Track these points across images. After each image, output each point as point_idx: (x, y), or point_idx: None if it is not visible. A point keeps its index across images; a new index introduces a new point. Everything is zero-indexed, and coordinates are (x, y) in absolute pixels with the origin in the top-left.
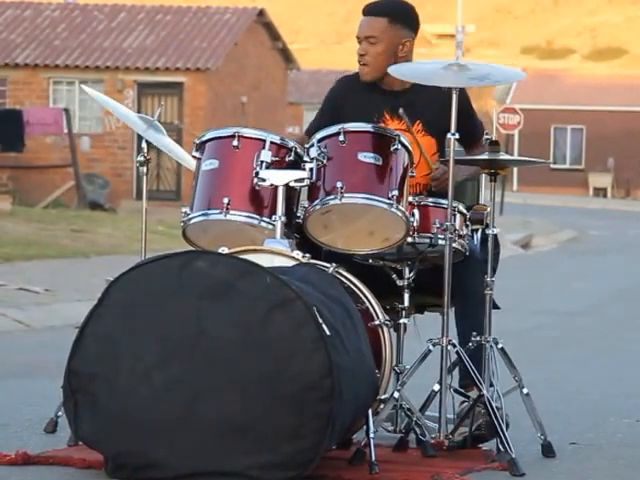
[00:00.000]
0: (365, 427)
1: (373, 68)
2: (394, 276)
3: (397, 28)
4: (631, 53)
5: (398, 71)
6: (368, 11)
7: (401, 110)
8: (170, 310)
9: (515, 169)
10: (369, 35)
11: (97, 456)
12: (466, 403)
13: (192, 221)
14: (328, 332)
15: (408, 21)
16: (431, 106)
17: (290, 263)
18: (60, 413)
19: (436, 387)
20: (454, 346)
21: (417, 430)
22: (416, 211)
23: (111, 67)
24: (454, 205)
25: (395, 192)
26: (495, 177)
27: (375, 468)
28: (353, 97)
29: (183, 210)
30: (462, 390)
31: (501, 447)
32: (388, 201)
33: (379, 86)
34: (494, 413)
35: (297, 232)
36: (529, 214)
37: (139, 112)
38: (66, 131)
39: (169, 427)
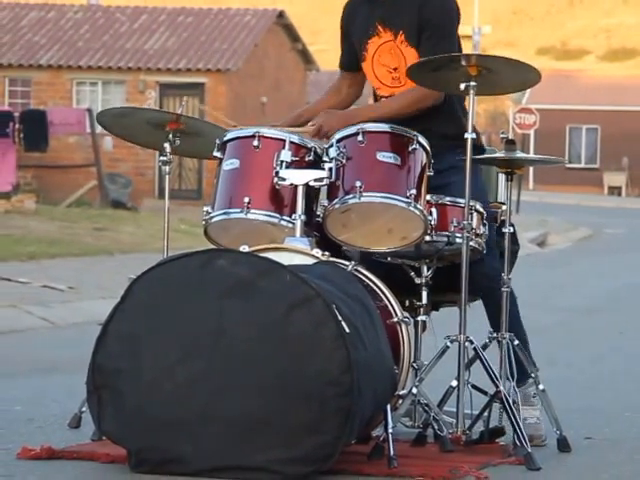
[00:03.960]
0: (384, 422)
1: None
2: (412, 274)
3: None
4: None
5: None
6: None
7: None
8: (192, 308)
9: (531, 168)
10: None
11: (120, 451)
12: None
13: (213, 220)
14: (347, 329)
15: None
16: (410, 15)
17: (310, 261)
18: (84, 408)
19: (454, 383)
20: (471, 342)
21: (435, 425)
22: (434, 210)
23: (133, 68)
24: (471, 204)
25: (413, 191)
26: (512, 176)
27: (394, 462)
28: (354, 14)
29: (205, 209)
30: (479, 387)
31: (517, 442)
32: (406, 200)
33: None
34: (511, 409)
35: (317, 230)
36: (545, 212)
37: None
38: (89, 131)
39: (191, 423)
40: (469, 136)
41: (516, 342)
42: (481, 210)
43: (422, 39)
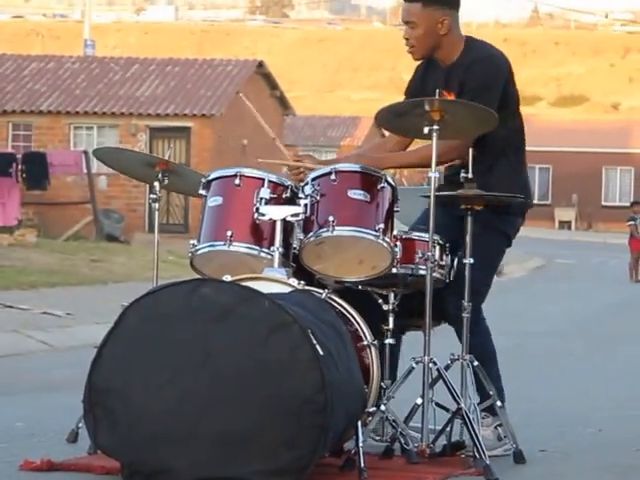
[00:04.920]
0: (355, 437)
1: (418, 49)
2: (380, 301)
3: (432, 9)
4: (592, 100)
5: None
6: None
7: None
8: (179, 332)
9: None
10: (407, 20)
11: (114, 463)
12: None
13: (199, 252)
14: (322, 352)
15: (441, 1)
16: (458, 83)
17: (287, 289)
18: (81, 425)
19: (419, 401)
20: (435, 364)
21: (402, 440)
22: (399, 243)
23: (125, 113)
24: (434, 238)
25: (381, 225)
26: (471, 212)
27: (364, 474)
28: (421, 75)
29: (191, 242)
30: (443, 404)
31: (477, 454)
32: (375, 233)
33: (435, 61)
34: (471, 424)
35: (293, 261)
36: None
37: (151, 154)
38: (85, 171)
39: (179, 438)
40: (433, 175)
41: (475, 363)
42: (442, 243)
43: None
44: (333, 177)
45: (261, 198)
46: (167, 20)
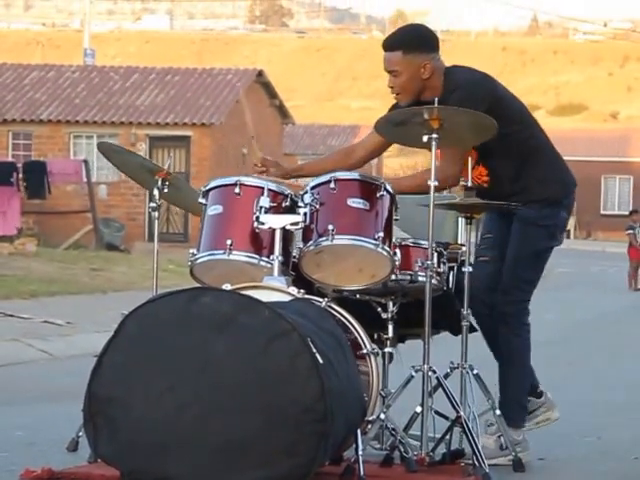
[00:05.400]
0: (354, 445)
1: (404, 95)
2: (379, 309)
3: (413, 56)
4: (591, 109)
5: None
6: (385, 47)
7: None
8: (179, 340)
9: None
10: (390, 70)
11: (114, 472)
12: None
13: (199, 261)
14: (321, 360)
15: (423, 45)
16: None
17: (286, 298)
18: (81, 433)
19: (418, 409)
20: (434, 372)
21: (401, 448)
22: (398, 251)
23: (125, 122)
24: (433, 245)
25: (381, 234)
26: (471, 220)
27: None
28: None
29: (191, 251)
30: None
31: (476, 463)
32: (374, 242)
33: (419, 103)
34: (470, 432)
35: (293, 270)
36: None
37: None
38: (85, 180)
39: (179, 445)
40: (432, 183)
41: (475, 371)
42: (442, 251)
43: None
44: (332, 186)
45: (261, 207)
46: (162, 29)
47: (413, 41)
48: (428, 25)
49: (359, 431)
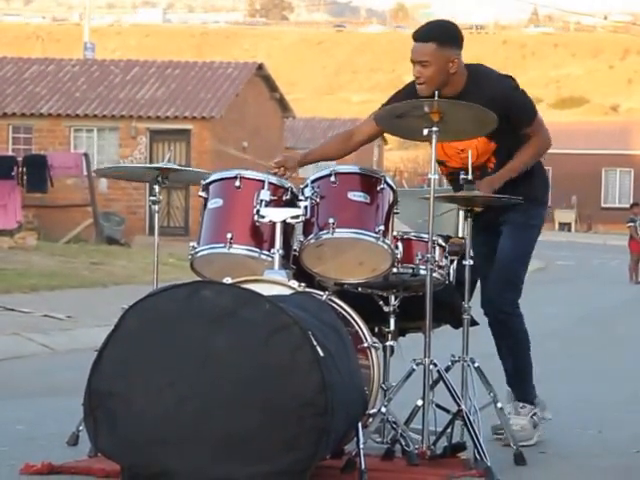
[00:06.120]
0: (355, 438)
1: (429, 86)
2: (381, 303)
3: (445, 49)
4: (592, 102)
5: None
6: (418, 37)
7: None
8: (179, 334)
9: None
10: (421, 60)
11: (115, 466)
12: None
13: (199, 254)
14: (322, 354)
15: (454, 41)
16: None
17: (287, 292)
18: (81, 427)
19: (419, 402)
20: (435, 365)
21: (402, 441)
22: (399, 244)
23: (126, 116)
24: (434, 238)
25: (381, 227)
26: (471, 214)
27: (364, 476)
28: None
29: (191, 244)
30: (444, 406)
31: (477, 456)
32: (375, 235)
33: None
34: (471, 426)
35: (293, 263)
36: None
37: (151, 156)
38: (85, 174)
39: (179, 439)
40: (432, 177)
41: (476, 364)
42: (443, 244)
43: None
44: (333, 179)
45: (261, 200)
46: (156, 22)
47: (446, 35)
48: (430, 17)
49: (360, 425)
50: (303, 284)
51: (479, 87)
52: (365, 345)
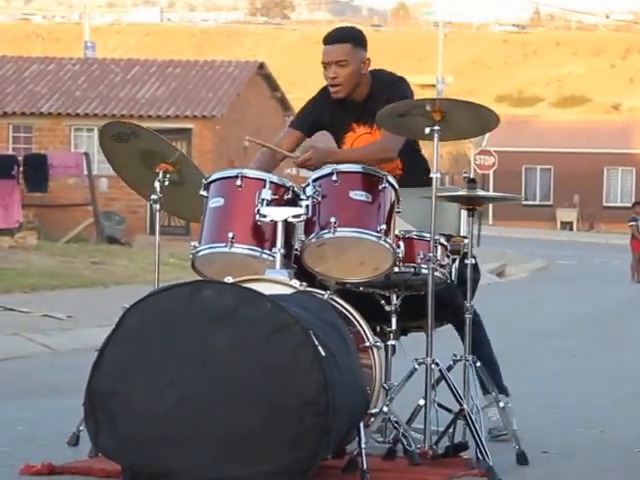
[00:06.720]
0: (357, 438)
1: (345, 87)
2: (382, 302)
3: (359, 50)
4: (593, 101)
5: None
6: (333, 39)
7: (247, 137)
8: (180, 334)
9: (491, 205)
10: (340, 59)
11: (115, 466)
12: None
13: (200, 254)
14: (323, 353)
15: (364, 43)
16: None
17: (289, 291)
18: (82, 428)
19: (421, 402)
20: (437, 365)
21: (404, 441)
22: (401, 243)
23: (126, 115)
24: (435, 238)
25: (383, 226)
26: (473, 212)
27: (366, 476)
28: (329, 109)
29: (192, 244)
30: (445, 405)
31: (480, 456)
32: (377, 234)
33: (345, 100)
34: (474, 425)
35: (295, 263)
36: (504, 246)
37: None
38: (86, 173)
39: (180, 439)
40: (434, 175)
41: (478, 364)
42: (445, 243)
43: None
44: (334, 178)
45: (262, 199)
46: (156, 21)
47: (359, 37)
48: (431, 17)
49: (362, 424)
50: (304, 283)
51: (381, 91)
52: (367, 344)
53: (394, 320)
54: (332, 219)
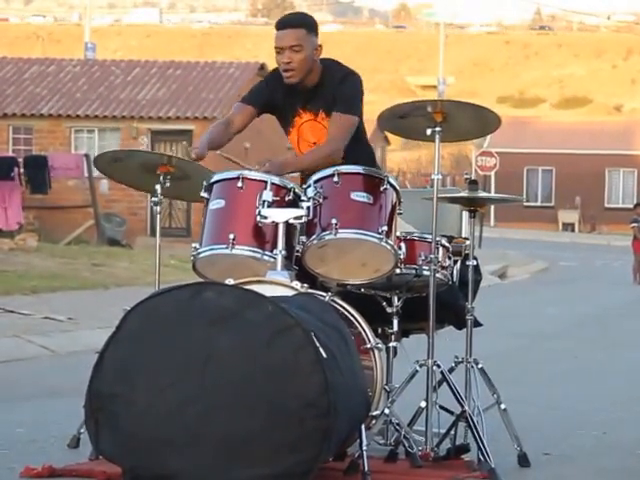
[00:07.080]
0: (358, 440)
1: (299, 72)
2: (384, 304)
3: (312, 36)
4: (595, 102)
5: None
6: (287, 24)
7: (184, 143)
8: (181, 336)
9: (492, 206)
10: (294, 44)
11: (116, 469)
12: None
13: (201, 255)
14: (325, 355)
15: (316, 29)
16: (327, 96)
17: (290, 293)
18: (82, 430)
19: (422, 404)
20: (439, 366)
21: (405, 443)
22: (403, 245)
23: (127, 117)
24: (437, 239)
25: (385, 227)
26: (474, 213)
27: (368, 478)
28: (281, 92)
29: (193, 245)
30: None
31: (481, 458)
32: (378, 236)
33: (296, 86)
34: (475, 427)
35: (296, 264)
36: (505, 247)
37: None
38: (86, 175)
39: (181, 441)
40: (436, 177)
41: (480, 366)
42: (446, 244)
43: (336, 106)
44: (336, 179)
45: (264, 201)
46: (157, 22)
47: (311, 23)
48: (432, 18)
49: (363, 426)
50: (306, 285)
51: (332, 81)
52: (368, 346)
53: (395, 322)
54: (333, 220)
